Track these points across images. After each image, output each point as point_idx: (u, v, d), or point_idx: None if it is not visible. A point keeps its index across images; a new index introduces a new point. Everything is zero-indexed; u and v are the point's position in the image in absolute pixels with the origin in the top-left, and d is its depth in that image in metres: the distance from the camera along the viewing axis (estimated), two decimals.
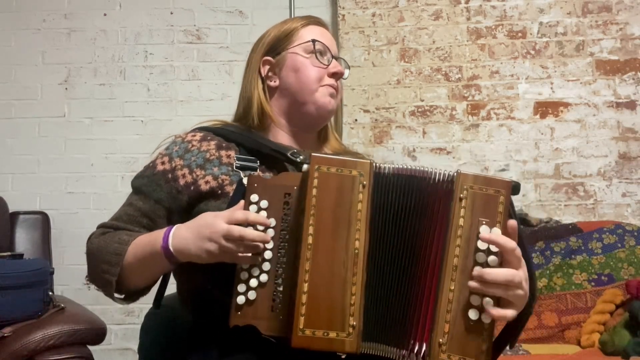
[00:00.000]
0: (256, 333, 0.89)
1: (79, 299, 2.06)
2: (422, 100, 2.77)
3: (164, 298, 1.14)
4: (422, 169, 0.93)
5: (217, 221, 0.92)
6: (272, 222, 0.92)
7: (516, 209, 2.85)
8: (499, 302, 0.87)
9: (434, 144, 2.75)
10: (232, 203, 0.97)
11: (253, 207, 0.92)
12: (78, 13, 2.93)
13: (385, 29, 2.81)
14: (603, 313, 2.08)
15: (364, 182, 0.90)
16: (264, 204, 0.92)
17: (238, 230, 0.89)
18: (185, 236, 0.96)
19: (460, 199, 0.88)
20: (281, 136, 1.19)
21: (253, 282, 0.90)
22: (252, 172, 1.04)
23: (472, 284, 0.85)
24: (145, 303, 1.14)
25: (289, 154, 1.07)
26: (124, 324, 2.60)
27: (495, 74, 2.76)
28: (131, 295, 1.11)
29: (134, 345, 1.16)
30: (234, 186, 1.05)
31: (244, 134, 1.16)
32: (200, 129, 1.19)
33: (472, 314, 0.85)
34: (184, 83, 2.88)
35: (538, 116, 2.74)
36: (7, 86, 2.89)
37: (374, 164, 0.92)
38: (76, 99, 2.89)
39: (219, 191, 1.06)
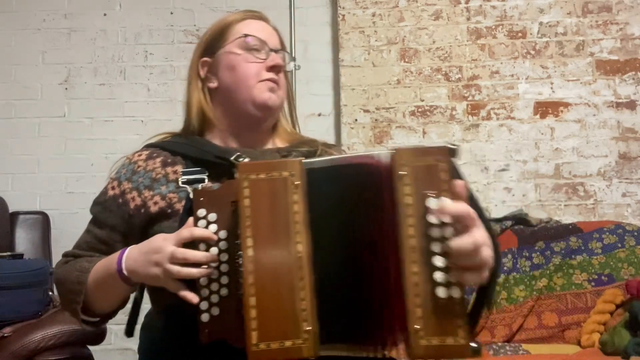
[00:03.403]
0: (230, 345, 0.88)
1: None
2: (422, 100, 2.77)
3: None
4: (355, 154, 0.90)
5: (165, 244, 0.91)
6: (223, 234, 0.89)
7: (516, 209, 2.85)
8: (466, 270, 0.82)
9: (434, 144, 2.74)
10: (182, 221, 0.95)
11: (202, 222, 0.90)
12: (78, 13, 2.93)
13: (385, 29, 2.81)
14: (603, 313, 2.08)
15: (296, 182, 0.86)
16: (212, 217, 0.90)
17: (182, 252, 0.88)
18: (135, 258, 0.96)
19: (402, 177, 0.83)
20: (228, 139, 1.16)
21: (214, 298, 0.89)
22: (197, 186, 1.00)
23: (441, 262, 0.81)
24: (145, 303, 1.14)
25: (232, 159, 1.03)
26: (123, 324, 2.59)
27: (495, 74, 2.76)
28: (102, 319, 1.12)
29: (134, 345, 1.16)
30: (183, 203, 1.02)
31: (188, 145, 1.13)
32: (148, 146, 1.17)
33: (441, 292, 0.81)
34: (184, 83, 2.88)
35: (538, 116, 2.74)
36: (7, 86, 2.89)
37: (304, 161, 0.89)
38: (76, 99, 2.89)
39: (169, 210, 1.05)
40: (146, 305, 1.16)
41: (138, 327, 1.11)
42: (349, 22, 2.82)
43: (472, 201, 0.86)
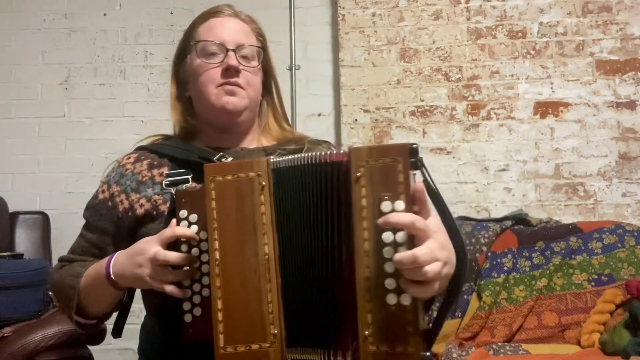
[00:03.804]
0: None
1: None
2: (422, 100, 2.77)
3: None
4: (318, 153, 0.87)
5: (149, 246, 0.91)
6: (204, 234, 0.89)
7: (516, 209, 2.85)
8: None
9: (434, 144, 2.75)
10: (166, 222, 0.95)
11: (183, 223, 0.90)
12: (78, 13, 2.93)
13: (385, 29, 2.81)
14: (603, 313, 2.08)
15: (263, 183, 0.86)
16: (193, 217, 0.90)
17: (163, 254, 0.88)
18: (122, 262, 0.97)
19: (358, 178, 0.80)
20: (214, 140, 1.16)
21: (196, 299, 0.89)
22: (181, 187, 1.00)
23: (392, 268, 0.78)
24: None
25: (214, 159, 1.04)
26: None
27: (495, 74, 2.76)
28: (98, 322, 1.12)
29: (134, 345, 1.16)
30: (168, 204, 1.03)
31: (175, 146, 1.13)
32: (138, 149, 1.18)
33: (390, 299, 0.78)
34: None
35: (538, 116, 2.74)
36: (7, 86, 2.89)
37: (271, 161, 0.88)
38: (76, 99, 2.89)
39: (154, 212, 1.06)
40: None
41: (132, 327, 1.11)
42: (349, 22, 2.82)
43: (438, 203, 0.84)
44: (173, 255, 0.89)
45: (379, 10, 2.82)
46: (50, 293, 2.07)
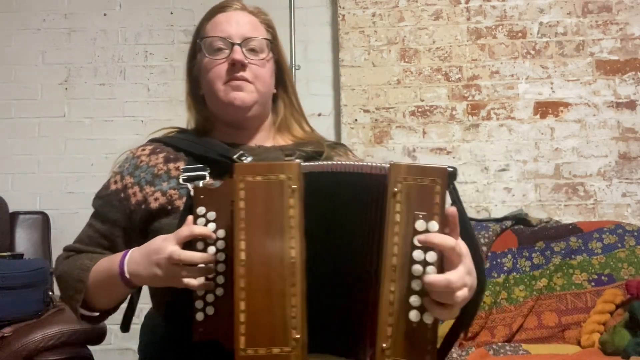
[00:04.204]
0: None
1: None
2: (422, 100, 2.77)
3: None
4: (356, 164, 0.88)
5: (165, 244, 0.90)
6: (221, 233, 0.88)
7: (516, 209, 2.85)
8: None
9: (434, 144, 2.75)
10: (181, 218, 0.93)
11: (201, 220, 0.89)
12: (78, 13, 2.94)
13: (385, 29, 2.81)
14: (603, 313, 2.08)
15: (293, 186, 0.84)
16: (211, 215, 0.89)
17: (178, 254, 0.87)
18: (138, 261, 0.95)
19: (395, 194, 0.81)
20: (230, 136, 1.15)
21: (209, 297, 0.88)
22: (198, 183, 0.98)
23: (419, 285, 0.80)
24: (146, 303, 1.14)
25: (234, 158, 1.04)
26: None
27: (495, 74, 2.76)
28: (102, 315, 1.11)
29: (134, 345, 1.16)
30: (184, 200, 1.01)
31: (193, 141, 1.12)
32: (152, 141, 1.17)
33: (413, 316, 0.80)
34: (184, 83, 2.88)
35: (538, 116, 2.74)
36: (7, 86, 2.89)
37: (303, 164, 0.87)
38: (76, 99, 2.89)
39: (169, 207, 1.04)
40: (146, 305, 1.16)
41: (132, 327, 1.10)
42: (349, 22, 2.82)
43: (465, 228, 0.85)
44: (188, 255, 0.88)
45: (379, 10, 2.82)
46: (51, 293, 2.07)
